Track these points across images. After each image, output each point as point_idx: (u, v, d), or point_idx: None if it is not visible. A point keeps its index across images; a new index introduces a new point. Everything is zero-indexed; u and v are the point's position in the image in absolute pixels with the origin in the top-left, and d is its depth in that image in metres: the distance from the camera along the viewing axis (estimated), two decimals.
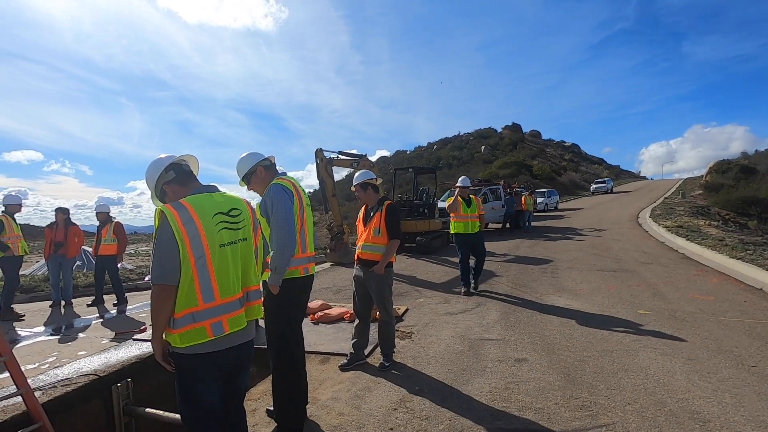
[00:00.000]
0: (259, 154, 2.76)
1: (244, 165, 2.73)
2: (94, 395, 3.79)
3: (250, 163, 2.71)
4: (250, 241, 1.97)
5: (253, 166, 2.70)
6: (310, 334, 4.78)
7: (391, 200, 3.83)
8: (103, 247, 6.95)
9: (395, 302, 5.98)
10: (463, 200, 6.40)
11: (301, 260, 2.66)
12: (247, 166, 2.72)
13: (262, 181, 2.70)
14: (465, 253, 6.44)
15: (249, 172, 2.71)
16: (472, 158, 51.65)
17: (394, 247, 3.70)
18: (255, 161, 2.71)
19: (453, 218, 6.46)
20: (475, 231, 6.39)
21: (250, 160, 2.73)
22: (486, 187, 17.32)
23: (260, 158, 2.73)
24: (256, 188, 2.73)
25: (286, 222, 2.47)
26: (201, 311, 1.75)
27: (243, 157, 2.77)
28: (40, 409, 2.96)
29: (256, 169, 2.70)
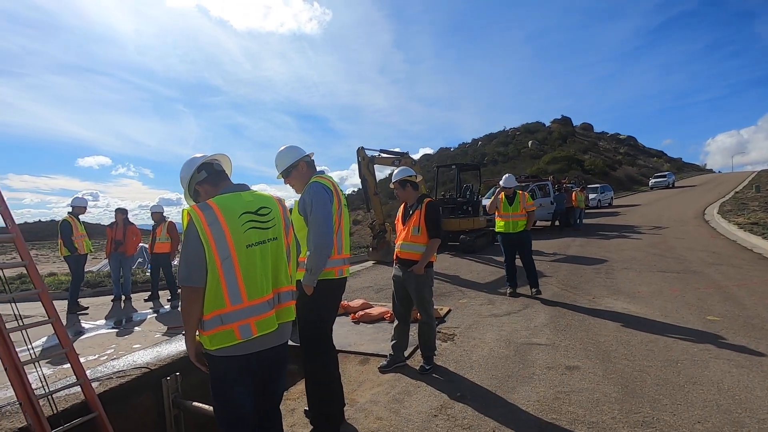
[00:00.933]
0: (302, 149, 2.70)
1: (287, 158, 2.66)
2: (146, 388, 3.96)
3: (293, 157, 2.65)
4: (281, 241, 1.91)
5: (297, 160, 2.64)
6: (351, 333, 4.75)
7: (431, 197, 3.70)
8: (157, 246, 7.33)
9: (437, 303, 5.83)
10: (506, 198, 6.10)
11: (337, 262, 2.59)
12: (290, 160, 2.65)
13: (302, 177, 2.65)
14: (508, 252, 6.17)
15: (291, 167, 2.65)
16: (518, 154, 50.02)
17: (434, 246, 3.57)
18: (299, 156, 2.65)
19: (496, 217, 6.20)
20: (518, 230, 6.03)
21: (293, 153, 2.66)
22: (533, 183, 16.64)
23: (303, 153, 2.68)
24: (294, 184, 2.68)
25: (325, 222, 2.41)
26: (229, 313, 1.72)
27: (285, 150, 2.69)
28: (97, 400, 3.12)
29: (299, 163, 2.64)
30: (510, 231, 6.06)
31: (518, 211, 6.02)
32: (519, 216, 6.02)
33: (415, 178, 3.73)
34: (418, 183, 3.77)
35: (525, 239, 6.09)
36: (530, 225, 6.13)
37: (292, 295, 1.97)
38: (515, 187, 6.19)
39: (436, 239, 3.57)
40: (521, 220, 6.03)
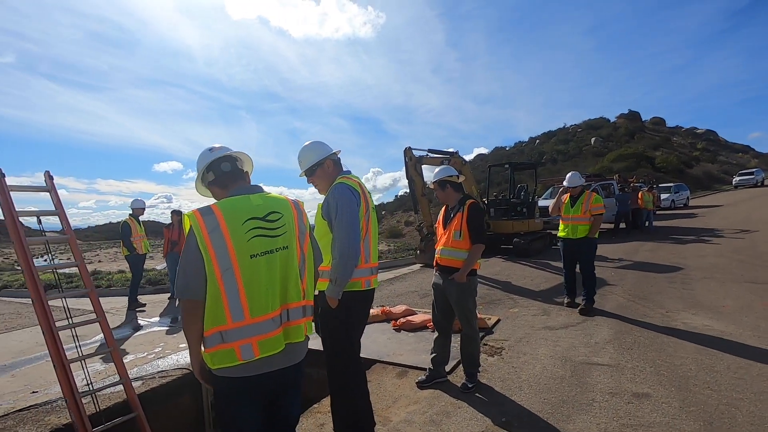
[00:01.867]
0: (328, 146, 2.49)
1: (313, 155, 2.44)
2: (186, 388, 4.00)
3: (320, 154, 2.44)
4: (293, 250, 1.71)
5: (324, 158, 2.43)
6: (391, 342, 4.52)
7: (474, 199, 3.37)
8: None
9: (485, 311, 5.45)
10: (571, 198, 5.46)
11: (364, 272, 2.36)
12: (316, 157, 2.43)
13: (328, 177, 2.44)
14: (567, 259, 5.60)
15: (316, 164, 2.44)
16: (580, 152, 47.24)
17: (477, 252, 3.24)
18: (325, 153, 2.44)
19: (560, 219, 5.65)
20: (578, 236, 5.34)
21: (320, 150, 2.45)
22: (596, 182, 15.47)
23: (330, 150, 2.47)
24: (319, 183, 2.47)
25: (351, 227, 2.19)
26: (229, 330, 1.55)
27: (310, 146, 2.47)
28: (137, 400, 3.13)
29: (325, 161, 2.43)
30: (570, 236, 5.42)
31: (579, 214, 5.34)
32: (580, 219, 5.33)
33: (455, 178, 3.42)
34: (460, 183, 3.46)
35: (585, 247, 5.33)
36: (594, 231, 5.28)
37: (305, 312, 1.75)
38: (582, 186, 5.49)
39: (480, 245, 3.24)
40: (582, 224, 5.32)
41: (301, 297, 1.73)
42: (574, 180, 5.49)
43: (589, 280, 5.33)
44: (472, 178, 10.92)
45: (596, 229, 5.33)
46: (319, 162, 2.42)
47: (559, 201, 5.58)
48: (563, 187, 5.59)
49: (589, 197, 5.36)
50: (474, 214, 3.25)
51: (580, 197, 5.41)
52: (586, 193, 5.46)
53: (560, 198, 5.59)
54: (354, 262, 2.20)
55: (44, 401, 3.55)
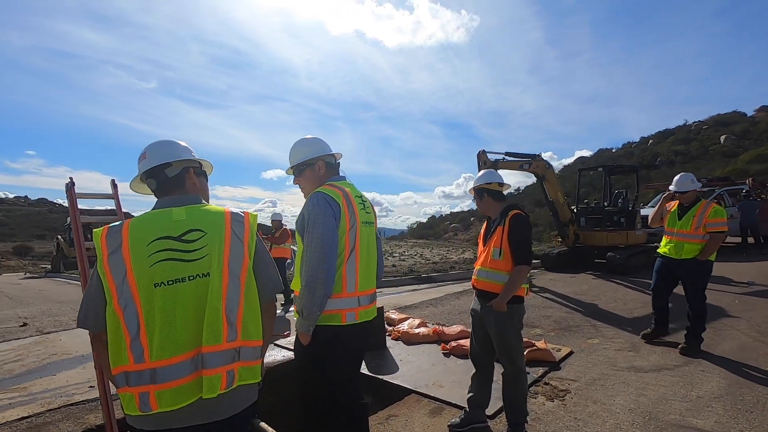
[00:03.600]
0: (326, 145, 2.16)
1: (303, 152, 2.12)
2: None
3: (312, 153, 2.10)
4: (216, 278, 1.38)
5: (315, 157, 2.10)
6: (436, 368, 4.01)
7: (519, 209, 2.76)
8: (275, 251, 7.74)
9: (557, 339, 4.64)
10: (680, 207, 4.35)
11: (347, 302, 1.93)
12: (306, 155, 2.10)
13: (316, 181, 2.09)
14: (658, 282, 4.51)
15: (305, 163, 2.11)
16: (705, 152, 40.76)
17: (521, 275, 2.63)
18: (319, 152, 2.11)
19: (664, 233, 4.53)
20: (685, 256, 4.17)
21: (313, 147, 2.12)
22: (722, 187, 12.95)
23: (326, 150, 2.14)
24: (305, 186, 2.13)
25: (322, 246, 1.81)
26: (132, 373, 1.27)
27: (303, 141, 2.15)
28: None
29: (317, 162, 2.10)
30: (672, 255, 4.29)
31: (688, 229, 4.17)
32: (690, 237, 4.16)
33: (497, 185, 2.84)
34: (501, 192, 2.87)
35: (695, 272, 4.17)
36: (709, 253, 4.09)
37: (231, 357, 1.38)
38: (694, 192, 4.28)
39: (524, 266, 2.62)
40: (691, 242, 4.14)
41: (222, 339, 1.36)
42: (684, 183, 4.27)
43: (697, 311, 4.21)
44: (557, 184, 9.78)
45: (712, 250, 4.11)
46: (309, 161, 2.08)
47: (662, 209, 4.50)
48: (668, 192, 4.47)
49: (705, 209, 4.17)
50: (517, 227, 2.65)
51: (693, 207, 4.24)
52: (702, 202, 4.27)
53: (663, 205, 4.50)
54: (323, 289, 1.80)
55: (93, 398, 3.73)
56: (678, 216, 4.33)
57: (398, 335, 4.95)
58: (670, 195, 4.48)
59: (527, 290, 2.77)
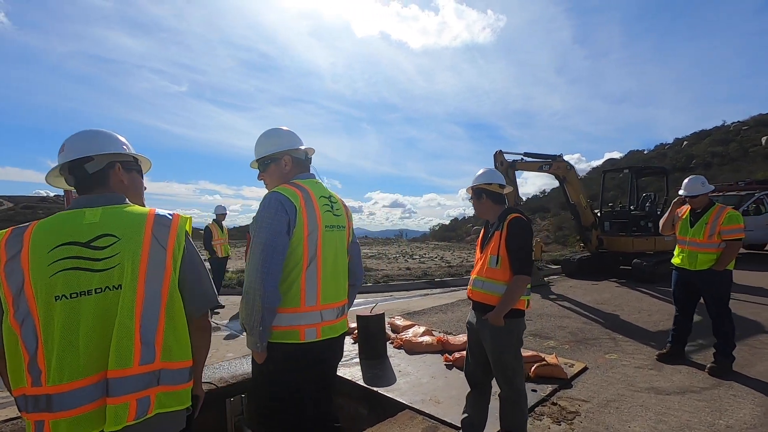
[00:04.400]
0: (296, 138, 1.95)
1: (268, 145, 1.92)
2: (211, 405, 3.81)
3: (276, 146, 1.90)
4: (130, 291, 1.18)
5: (281, 151, 1.90)
6: (435, 381, 3.75)
7: (519, 213, 2.49)
8: None
9: (571, 352, 4.30)
10: (692, 213, 4.00)
11: (306, 316, 1.70)
12: (271, 148, 1.90)
13: (281, 177, 1.88)
14: (677, 295, 4.14)
15: (270, 158, 1.91)
16: (744, 153, 38.74)
17: (519, 286, 2.35)
18: (285, 146, 1.90)
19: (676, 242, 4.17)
20: (699, 267, 3.81)
21: (279, 140, 1.92)
22: (762, 191, 12.09)
23: (294, 144, 1.92)
24: (269, 183, 1.92)
25: (263, 253, 1.59)
26: (30, 398, 1.11)
27: (270, 133, 1.95)
28: None
29: (283, 157, 1.90)
30: (686, 266, 3.95)
31: (701, 238, 3.82)
32: (702, 245, 3.80)
33: (497, 187, 2.57)
34: (501, 194, 2.59)
35: (713, 284, 3.82)
36: (725, 262, 3.75)
37: (150, 382, 1.19)
38: (706, 196, 3.94)
39: (523, 276, 2.35)
40: (705, 252, 3.79)
41: (133, 361, 1.17)
42: (694, 186, 3.91)
43: (722, 326, 3.83)
44: (580, 186, 9.31)
45: (728, 260, 3.75)
46: (274, 155, 1.88)
47: (672, 215, 4.15)
48: (679, 196, 4.11)
49: (718, 214, 3.81)
50: (516, 233, 2.38)
51: (706, 213, 3.89)
52: (715, 207, 3.91)
53: (674, 211, 4.15)
54: (262, 302, 1.58)
55: None
56: (690, 223, 3.98)
57: (401, 343, 4.71)
58: (681, 200, 4.12)
59: (528, 303, 2.49)
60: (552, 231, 26.66)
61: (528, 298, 2.48)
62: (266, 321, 1.60)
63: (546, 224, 29.18)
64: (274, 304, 1.60)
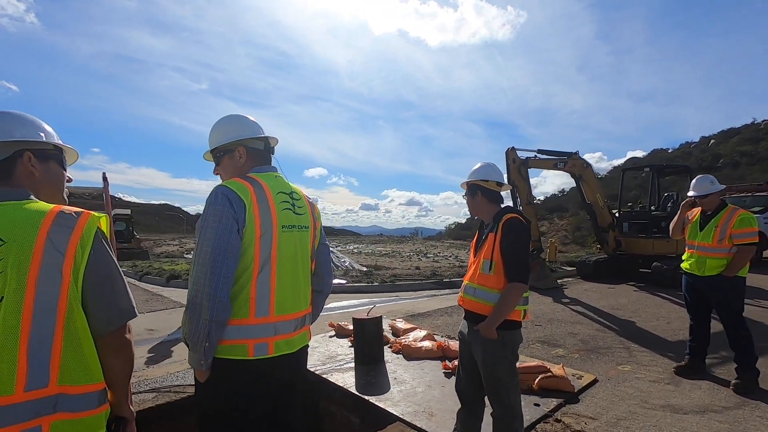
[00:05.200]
0: (253, 125, 1.71)
1: (222, 134, 1.69)
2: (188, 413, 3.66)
3: (229, 135, 1.67)
4: (13, 304, 0.99)
5: (233, 141, 1.66)
6: (431, 390, 3.52)
7: (515, 213, 2.23)
8: None
9: (580, 362, 4.01)
10: (702, 215, 3.70)
11: (254, 330, 1.48)
12: (224, 137, 1.67)
13: (235, 170, 1.66)
14: (689, 302, 3.87)
15: (223, 149, 1.68)
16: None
17: (514, 295, 2.10)
18: (238, 135, 1.67)
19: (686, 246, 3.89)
20: (708, 273, 3.54)
21: (233, 129, 1.68)
22: None
23: (249, 133, 1.69)
24: (224, 177, 1.70)
25: (210, 257, 1.39)
26: None
27: (222, 121, 1.72)
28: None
29: (237, 148, 1.67)
30: (694, 272, 3.66)
31: (710, 242, 3.53)
32: (711, 250, 3.52)
33: (494, 185, 2.31)
34: (498, 193, 2.34)
35: (723, 291, 3.53)
36: (736, 268, 3.46)
37: (41, 409, 1.00)
38: (717, 196, 3.64)
39: (518, 284, 2.10)
40: (714, 257, 3.51)
41: (15, 387, 0.98)
42: (702, 186, 3.62)
43: (736, 337, 3.53)
44: (597, 185, 8.92)
45: (740, 266, 3.46)
46: (227, 146, 1.66)
47: (682, 217, 3.85)
48: (688, 198, 3.80)
49: (730, 217, 3.51)
50: (511, 235, 2.13)
51: (717, 215, 3.58)
52: (727, 209, 3.59)
53: (684, 213, 3.84)
54: (209, 313, 1.37)
55: None
56: (699, 226, 3.69)
57: (399, 348, 4.50)
58: (690, 201, 3.81)
59: (525, 313, 2.23)
60: (570, 231, 26.01)
61: (525, 308, 2.23)
62: (213, 336, 1.39)
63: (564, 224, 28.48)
64: (223, 316, 1.39)
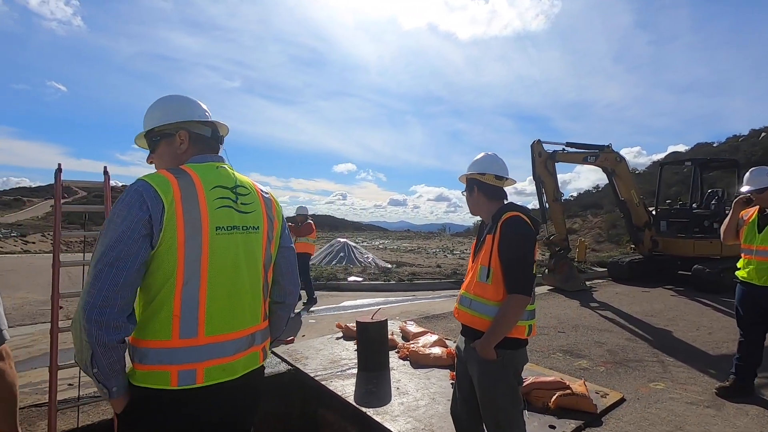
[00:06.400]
0: (196, 107, 1.42)
1: (161, 114, 1.39)
2: None
3: (172, 115, 1.37)
4: None
5: (172, 123, 1.37)
6: (436, 404, 3.20)
7: (520, 211, 1.90)
8: (297, 245, 7.34)
9: (606, 377, 3.60)
10: (760, 216, 3.23)
11: (178, 354, 1.21)
12: (163, 118, 1.38)
13: (173, 158, 1.38)
14: (742, 315, 3.37)
15: (160, 132, 1.39)
16: None
17: (514, 308, 1.77)
18: (179, 116, 1.38)
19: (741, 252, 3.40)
20: None
21: (174, 108, 1.39)
22: None
23: (197, 115, 1.41)
24: (159, 166, 1.42)
25: (100, 265, 1.13)
26: None
27: (162, 101, 1.43)
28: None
29: (177, 132, 1.38)
30: (754, 281, 3.19)
31: None
32: None
33: (493, 178, 1.98)
34: (499, 188, 2.00)
35: None
36: None
37: None
38: None
39: (518, 296, 1.76)
40: None
41: None
42: (759, 179, 3.17)
43: None
44: (632, 180, 8.29)
45: None
46: (164, 130, 1.38)
47: (736, 219, 3.36)
48: (742, 195, 3.32)
49: None
50: (510, 237, 1.80)
51: None
52: None
53: (738, 213, 3.36)
54: (89, 335, 1.10)
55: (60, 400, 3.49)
56: (758, 227, 3.21)
57: (406, 354, 4.21)
58: (744, 199, 3.31)
59: (530, 329, 1.89)
60: (605, 229, 24.82)
61: (530, 323, 1.89)
62: (102, 361, 1.14)
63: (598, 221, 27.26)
64: (110, 338, 1.12)
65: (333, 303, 7.29)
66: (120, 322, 1.14)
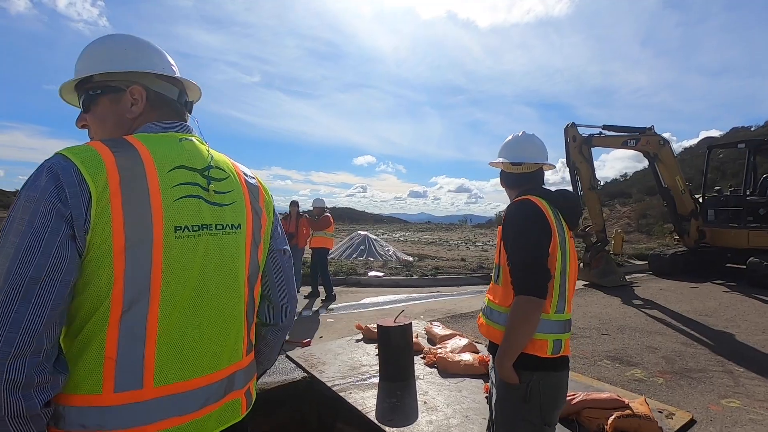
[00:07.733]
0: (165, 59, 1.01)
1: (104, 58, 0.94)
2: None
3: (122, 62, 0.94)
4: None
5: (123, 72, 0.94)
6: (470, 423, 2.76)
7: (529, 194, 1.47)
8: (315, 240, 6.99)
9: (668, 392, 3.09)
10: None
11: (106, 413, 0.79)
12: (106, 64, 0.93)
13: (117, 124, 0.95)
14: None
15: (103, 84, 0.95)
16: None
17: (521, 313, 1.33)
18: (138, 64, 0.95)
19: None
20: None
21: (125, 53, 0.95)
22: None
23: (156, 65, 0.98)
24: (94, 131, 0.98)
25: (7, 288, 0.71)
26: None
27: (114, 41, 0.97)
28: None
29: (130, 86, 0.94)
30: None
31: None
32: None
33: (509, 165, 1.56)
34: (517, 174, 1.57)
35: None
36: None
37: None
38: None
39: (525, 297, 1.33)
40: None
41: None
42: None
43: None
44: (677, 166, 7.59)
45: None
46: (109, 81, 0.95)
47: None
48: None
49: None
50: (512, 225, 1.42)
51: None
52: None
53: None
54: (7, 394, 0.69)
55: None
56: None
57: (433, 360, 3.79)
58: None
59: (553, 345, 1.40)
60: (634, 219, 23.69)
61: (555, 338, 1.40)
62: (16, 408, 0.73)
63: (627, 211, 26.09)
64: (27, 405, 0.73)
65: (353, 300, 6.94)
66: (45, 375, 0.74)
